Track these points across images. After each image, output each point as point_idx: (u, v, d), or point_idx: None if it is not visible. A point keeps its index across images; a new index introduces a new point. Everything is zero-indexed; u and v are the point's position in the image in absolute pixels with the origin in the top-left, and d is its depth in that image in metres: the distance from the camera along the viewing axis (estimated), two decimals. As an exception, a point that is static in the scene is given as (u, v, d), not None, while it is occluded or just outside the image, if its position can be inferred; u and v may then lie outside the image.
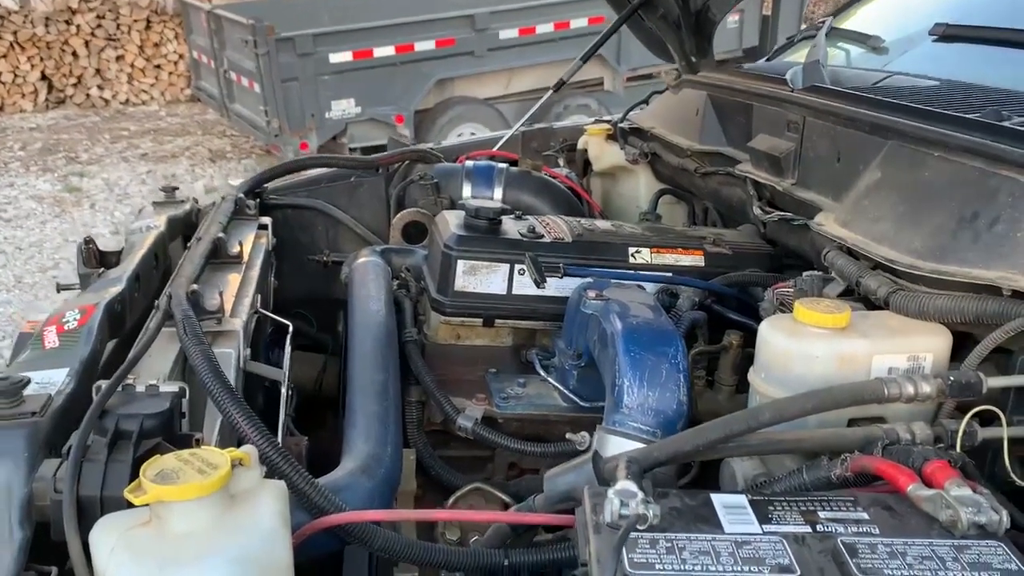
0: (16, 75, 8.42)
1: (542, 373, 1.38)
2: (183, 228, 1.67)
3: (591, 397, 1.34)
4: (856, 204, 1.22)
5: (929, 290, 1.05)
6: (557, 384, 1.36)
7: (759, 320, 1.30)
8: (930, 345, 1.01)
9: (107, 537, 0.78)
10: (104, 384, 0.94)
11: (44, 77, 8.55)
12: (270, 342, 1.48)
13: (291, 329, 1.35)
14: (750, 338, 1.32)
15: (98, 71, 8.70)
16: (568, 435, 1.21)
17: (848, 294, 1.18)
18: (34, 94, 8.54)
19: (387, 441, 1.09)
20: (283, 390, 1.19)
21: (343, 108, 6.27)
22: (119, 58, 8.69)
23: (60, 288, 1.38)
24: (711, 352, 1.33)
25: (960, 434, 0.93)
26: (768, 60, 2.16)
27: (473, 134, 6.75)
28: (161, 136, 8.04)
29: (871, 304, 1.11)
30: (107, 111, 8.80)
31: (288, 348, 1.32)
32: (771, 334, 1.03)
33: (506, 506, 1.33)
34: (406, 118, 6.51)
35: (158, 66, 8.85)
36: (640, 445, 1.06)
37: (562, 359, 1.37)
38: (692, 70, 2.08)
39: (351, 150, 6.43)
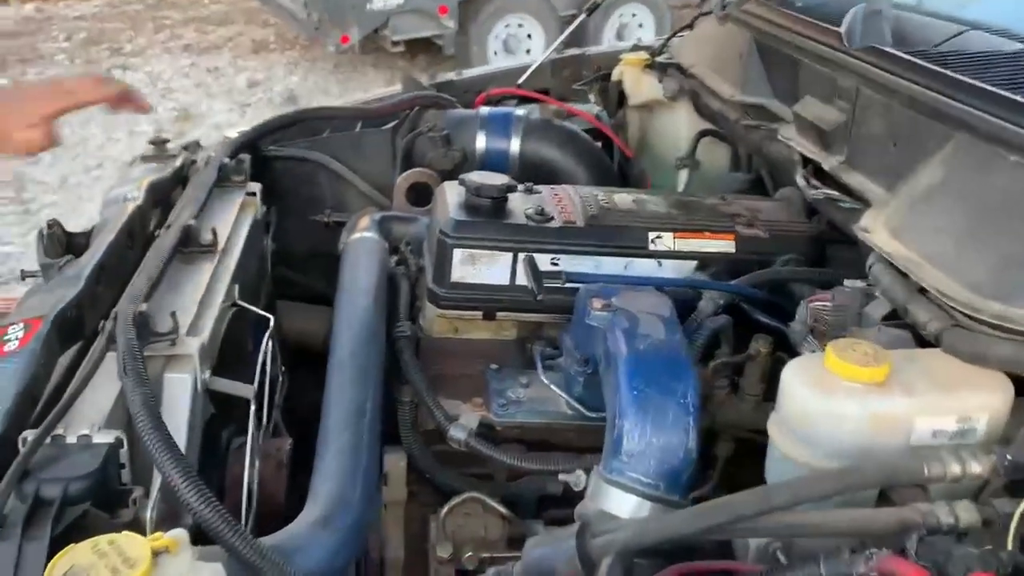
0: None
1: (544, 379, 1.25)
2: (171, 189, 1.55)
3: (598, 406, 1.20)
4: (911, 206, 1.04)
5: (992, 332, 0.88)
6: (560, 391, 1.23)
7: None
8: (986, 403, 0.85)
9: (11, 644, 0.70)
10: (31, 436, 0.84)
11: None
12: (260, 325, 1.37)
13: (271, 324, 1.23)
14: (782, 342, 1.17)
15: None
16: (561, 476, 1.09)
17: (894, 316, 1.02)
18: (79, -23, 8.43)
19: (356, 479, 0.98)
20: (252, 406, 1.09)
21: (385, -1, 6.05)
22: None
23: (24, 275, 1.28)
24: (736, 363, 1.18)
25: (1015, 522, 0.78)
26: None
27: (520, 26, 6.46)
28: (204, 25, 7.95)
29: (922, 338, 0.95)
30: (150, -1, 8.68)
31: (268, 347, 1.21)
32: (796, 386, 0.88)
33: (503, 517, 1.23)
34: (450, 9, 6.27)
35: (203, -51, 8.61)
36: (638, 500, 0.94)
37: (568, 362, 1.23)
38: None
39: (394, 43, 6.22)
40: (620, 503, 0.94)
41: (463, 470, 1.29)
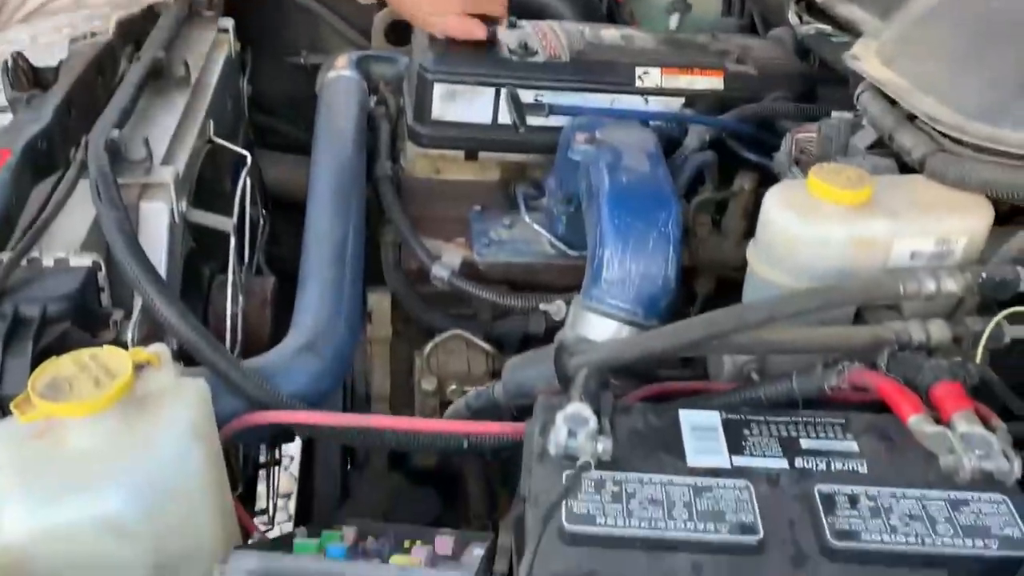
0: None
1: (527, 219, 1.24)
2: (141, 26, 1.48)
3: (580, 245, 1.20)
4: (904, 35, 1.01)
5: (976, 155, 0.87)
6: (543, 230, 1.23)
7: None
8: (966, 226, 0.85)
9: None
10: (6, 257, 0.84)
11: None
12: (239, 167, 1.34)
13: (249, 161, 1.21)
14: (766, 179, 1.16)
15: None
16: (542, 306, 1.10)
17: (880, 146, 1.00)
18: None
19: (340, 309, 0.99)
20: (232, 239, 1.08)
21: None
22: None
23: (-8, 111, 1.24)
24: (719, 199, 1.17)
25: (984, 338, 0.80)
26: None
27: None
28: None
29: (906, 165, 0.94)
30: None
31: (246, 183, 1.19)
32: (778, 209, 0.87)
33: (487, 353, 1.25)
34: None
35: None
36: (617, 324, 0.95)
37: (551, 201, 1.22)
38: None
39: None
40: (599, 329, 0.95)
41: (447, 311, 1.30)
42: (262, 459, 1.62)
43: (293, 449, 2.28)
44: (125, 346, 0.87)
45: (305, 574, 0.57)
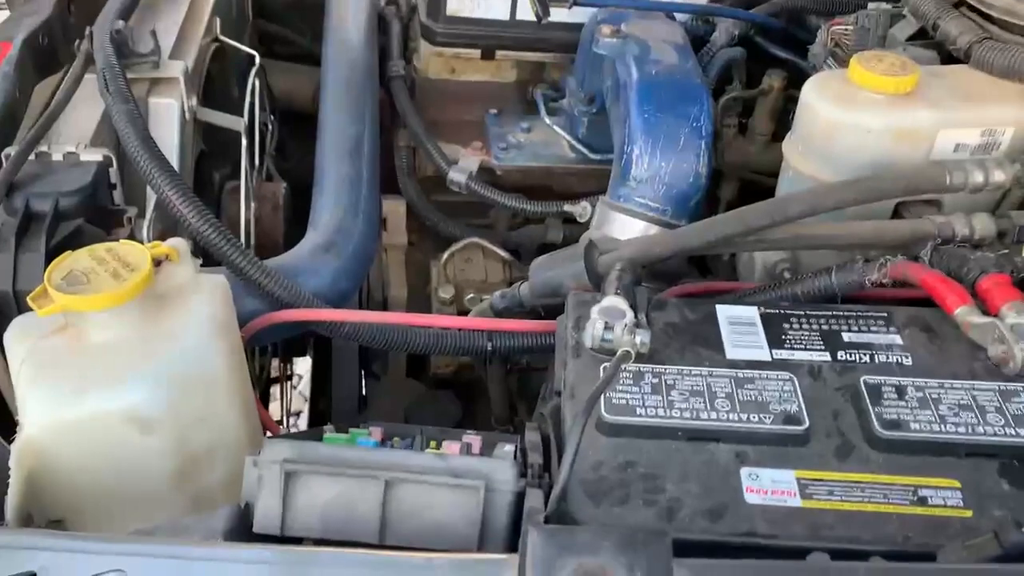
0: None
1: (547, 120, 1.20)
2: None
3: (602, 148, 1.17)
4: (951, -85, 0.95)
5: (1025, 41, 0.83)
6: (564, 132, 1.19)
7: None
8: (1012, 116, 0.81)
9: (18, 345, 0.68)
10: (13, 152, 0.80)
11: None
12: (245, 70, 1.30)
13: (257, 62, 1.16)
14: (796, 78, 1.12)
15: None
16: (566, 206, 1.07)
17: (921, 36, 0.96)
18: None
19: (358, 209, 0.96)
20: (243, 140, 1.04)
21: None
22: None
23: (-12, 8, 1.19)
24: (747, 98, 1.13)
25: (1032, 232, 0.77)
26: None
27: None
28: None
29: (949, 57, 0.90)
30: None
31: (255, 85, 1.14)
32: (816, 97, 0.83)
33: (504, 261, 1.23)
34: None
35: None
36: (645, 224, 0.92)
37: (572, 102, 1.18)
38: None
39: None
40: (626, 227, 0.92)
41: (463, 220, 1.27)
42: (274, 375, 1.62)
43: (302, 368, 2.28)
44: (140, 243, 0.85)
45: (343, 461, 0.56)
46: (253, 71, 1.14)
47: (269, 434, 0.81)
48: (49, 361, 0.67)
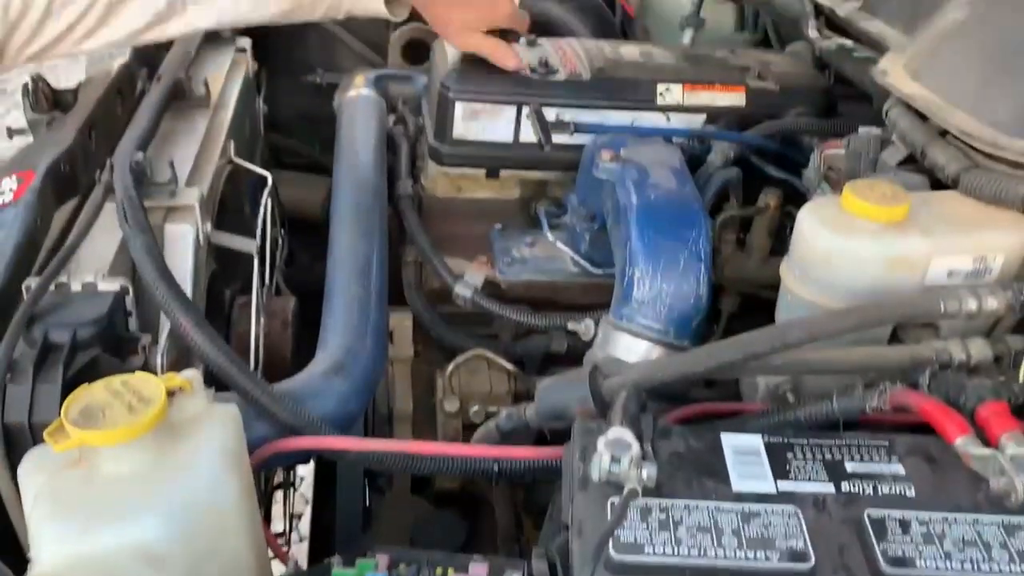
0: None
1: (549, 236, 1.23)
2: (157, 48, 1.48)
3: (604, 262, 1.20)
4: (932, 50, 1.00)
5: (1012, 170, 0.86)
6: (566, 248, 1.22)
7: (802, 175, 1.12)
8: (1003, 243, 0.84)
9: (32, 479, 0.69)
10: (34, 283, 0.83)
11: None
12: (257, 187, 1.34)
13: (270, 182, 1.20)
14: (791, 196, 1.16)
15: None
16: (570, 325, 1.09)
17: (911, 162, 0.99)
18: None
19: (366, 330, 0.98)
20: (255, 260, 1.07)
21: None
22: None
23: (11, 133, 1.23)
24: (744, 216, 1.16)
25: (1027, 357, 0.79)
26: None
27: None
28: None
29: (938, 182, 0.93)
30: None
31: (267, 204, 1.18)
32: (811, 225, 0.86)
33: (509, 373, 1.24)
34: None
35: None
36: (648, 344, 0.94)
37: (574, 218, 1.22)
38: None
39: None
40: (630, 349, 0.94)
41: (468, 331, 1.29)
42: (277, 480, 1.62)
43: (303, 469, 2.27)
44: (154, 371, 0.86)
45: (353, 607, 0.56)
46: (266, 192, 1.18)
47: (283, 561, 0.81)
48: (63, 496, 0.67)
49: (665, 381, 0.79)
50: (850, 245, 0.83)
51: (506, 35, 1.23)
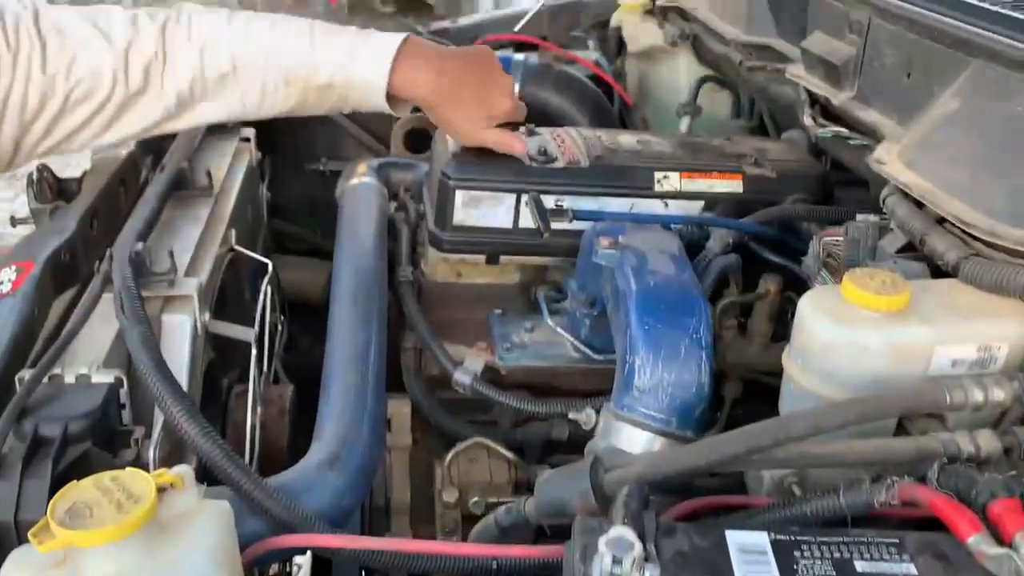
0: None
1: (549, 322, 1.23)
2: (162, 137, 1.51)
3: (604, 348, 1.19)
4: (927, 138, 1.01)
5: (1011, 259, 0.86)
6: (566, 333, 1.21)
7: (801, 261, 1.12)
8: (1007, 332, 0.83)
9: (15, 581, 0.68)
10: (28, 375, 0.82)
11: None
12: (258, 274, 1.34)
13: (270, 269, 1.21)
14: (791, 281, 1.15)
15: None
16: (571, 414, 1.07)
17: (909, 249, 0.99)
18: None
19: (363, 420, 0.96)
20: (253, 350, 1.06)
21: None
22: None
23: (14, 222, 1.24)
24: (744, 302, 1.16)
25: (1038, 450, 0.77)
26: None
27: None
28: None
29: (937, 269, 0.93)
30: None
31: (267, 292, 1.18)
32: (812, 315, 0.85)
33: (509, 462, 1.22)
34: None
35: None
36: (650, 435, 0.92)
37: (574, 304, 1.21)
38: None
39: (383, 1, 6.10)
40: (632, 439, 0.93)
41: (468, 417, 1.28)
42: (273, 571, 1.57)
43: (300, 558, 2.22)
44: (146, 464, 0.85)
45: None
46: (265, 279, 1.18)
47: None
48: (45, 601, 0.65)
49: (668, 474, 0.78)
50: (851, 335, 0.83)
51: (506, 125, 1.25)
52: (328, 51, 1.06)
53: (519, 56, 1.76)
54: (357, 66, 1.06)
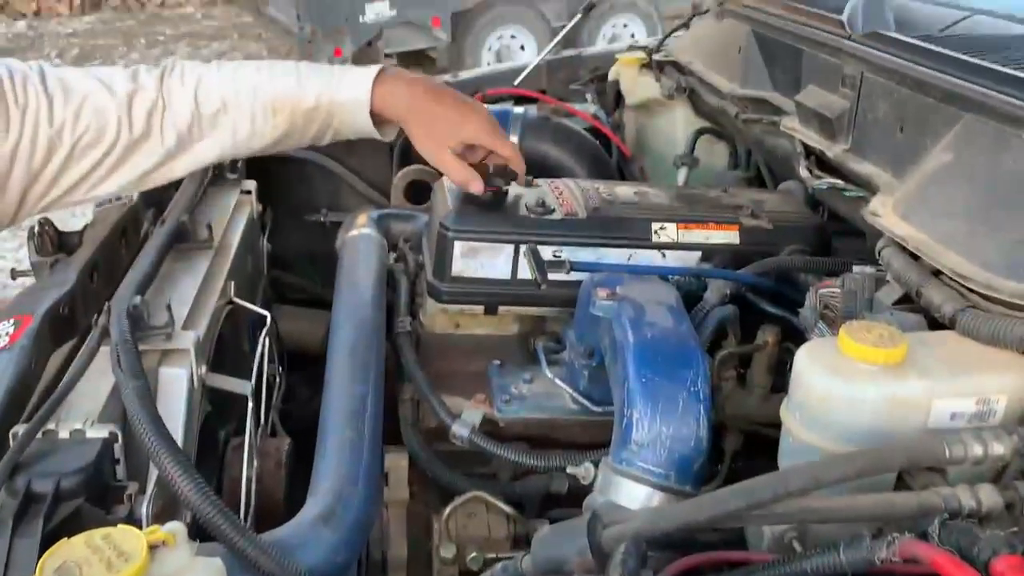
0: (52, -24, 8.34)
1: (547, 373, 1.22)
2: (164, 189, 1.52)
3: (603, 399, 1.18)
4: (921, 191, 1.02)
5: (1008, 311, 0.86)
6: (564, 385, 1.21)
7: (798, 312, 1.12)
8: (1005, 385, 0.83)
9: (1, 642, 0.67)
10: (22, 430, 0.82)
11: (80, -22, 8.45)
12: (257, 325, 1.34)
13: (269, 322, 1.21)
14: (790, 331, 1.15)
15: (135, -29, 8.57)
16: (569, 469, 1.07)
17: (906, 301, 0.99)
18: (69, -3, 8.44)
19: (358, 475, 0.95)
20: (250, 402, 1.06)
21: (377, 11, 6.05)
22: (155, -42, 8.54)
23: (15, 275, 1.25)
24: (742, 353, 1.16)
25: (1039, 505, 0.76)
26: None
27: (514, 37, 6.48)
28: (197, 40, 7.96)
29: (934, 321, 0.93)
30: (143, 14, 8.70)
31: (265, 344, 1.18)
32: (810, 369, 0.85)
33: (507, 516, 1.20)
34: (443, 21, 6.28)
35: (194, -35, 8.69)
36: (649, 490, 0.91)
37: (572, 355, 1.21)
38: (736, -5, 1.83)
39: (387, 56, 6.21)
40: (630, 494, 0.92)
41: (466, 470, 1.26)
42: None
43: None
44: (139, 521, 0.84)
45: None
46: (263, 332, 1.18)
47: None
48: (32, 662, 0.64)
49: (667, 530, 0.77)
50: (849, 388, 0.82)
51: (505, 175, 1.26)
52: (314, 79, 1.14)
53: (519, 109, 1.79)
54: (342, 87, 1.14)
